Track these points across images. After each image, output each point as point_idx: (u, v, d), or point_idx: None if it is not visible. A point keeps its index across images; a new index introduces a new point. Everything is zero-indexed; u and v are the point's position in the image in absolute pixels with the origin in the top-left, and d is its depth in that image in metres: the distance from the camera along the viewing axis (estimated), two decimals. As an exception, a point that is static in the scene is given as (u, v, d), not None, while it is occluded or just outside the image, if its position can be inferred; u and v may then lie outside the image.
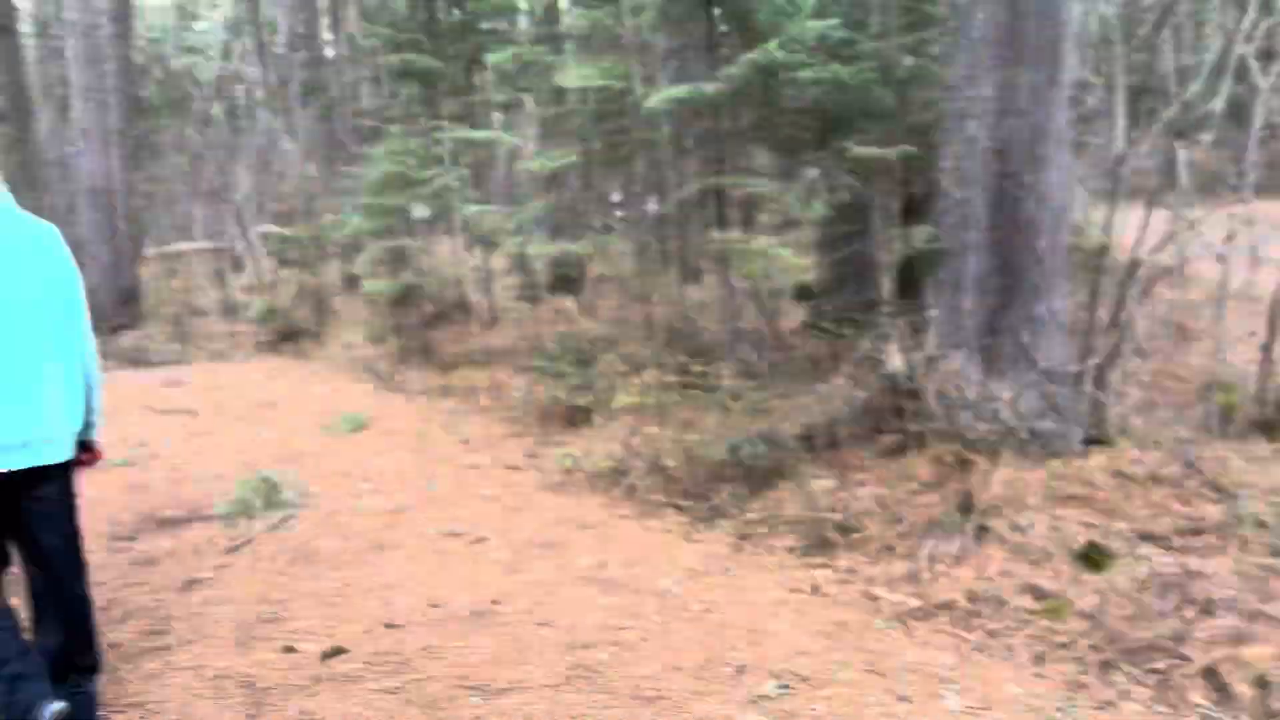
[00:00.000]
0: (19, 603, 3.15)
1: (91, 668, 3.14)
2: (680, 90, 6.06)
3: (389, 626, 3.83)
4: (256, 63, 25.03)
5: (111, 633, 3.85)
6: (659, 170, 7.98)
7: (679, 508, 5.43)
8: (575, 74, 6.73)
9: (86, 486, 5.78)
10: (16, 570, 3.14)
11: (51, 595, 3.07)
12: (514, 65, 8.28)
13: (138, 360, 11.50)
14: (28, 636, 3.04)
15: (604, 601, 4.07)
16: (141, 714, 3.22)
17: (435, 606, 4.02)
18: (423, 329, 10.64)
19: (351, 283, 16.43)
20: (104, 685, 3.36)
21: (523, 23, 13.64)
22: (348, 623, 3.87)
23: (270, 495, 5.31)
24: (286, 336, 12.21)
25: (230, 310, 15.20)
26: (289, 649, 3.64)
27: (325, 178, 15.95)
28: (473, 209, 8.85)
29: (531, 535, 4.92)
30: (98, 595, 4.01)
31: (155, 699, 3.31)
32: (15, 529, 2.99)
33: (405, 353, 10.19)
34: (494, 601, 4.04)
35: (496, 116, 13.22)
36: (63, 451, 3.02)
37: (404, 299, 10.43)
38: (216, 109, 21.55)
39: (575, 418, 6.89)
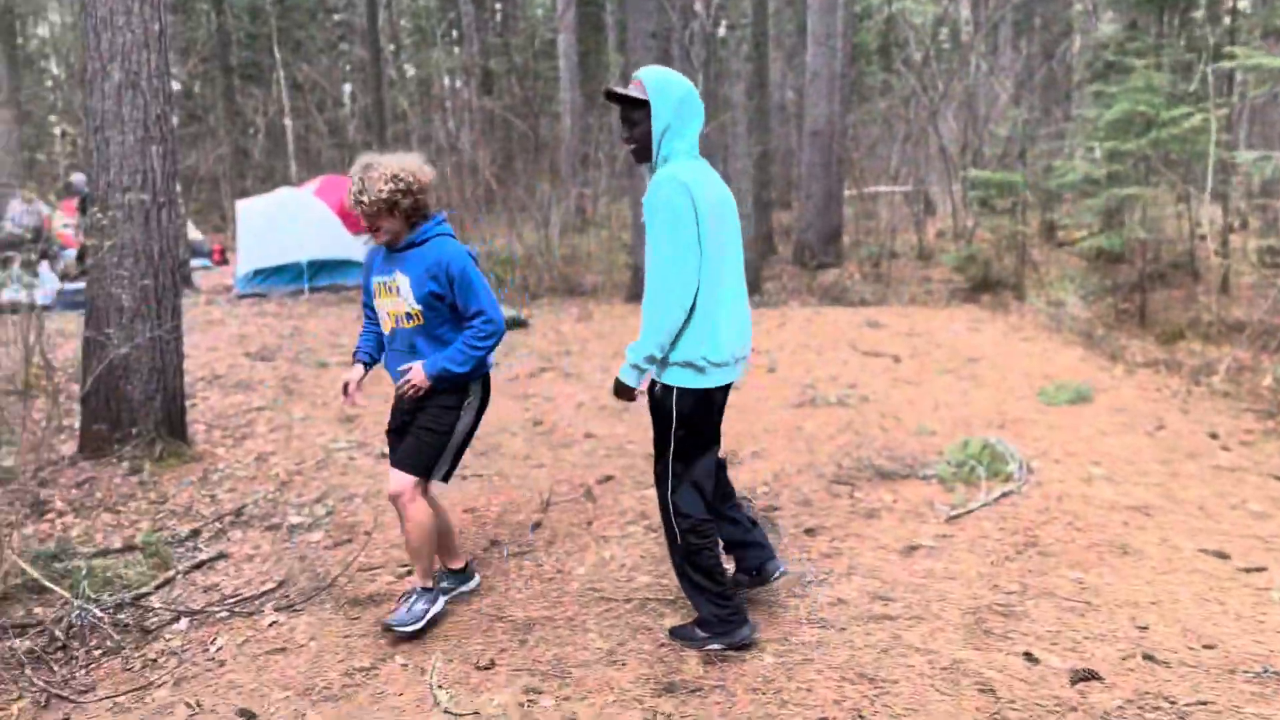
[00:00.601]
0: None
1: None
2: None
3: (1148, 659, 3.17)
4: (967, 3, 24.51)
5: (838, 586, 3.74)
6: None
7: None
8: None
9: (806, 422, 5.90)
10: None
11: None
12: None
13: (839, 298, 11.95)
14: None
15: None
16: (874, 689, 3.02)
17: (1208, 649, 3.24)
18: (1139, 290, 9.39)
19: (1050, 232, 15.40)
20: (831, 645, 3.23)
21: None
22: (1095, 640, 3.29)
23: (992, 465, 4.89)
24: (983, 287, 11.74)
25: (925, 256, 15.19)
26: (1029, 656, 3.18)
27: (1038, 120, 14.99)
28: (1247, 155, 7.38)
29: (1327, 577, 3.83)
30: (824, 536, 3.99)
31: (886, 675, 3.08)
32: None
33: (1119, 315, 9.09)
34: (1292, 662, 3.15)
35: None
36: None
37: (1119, 256, 9.28)
38: (925, 51, 21.57)
39: None
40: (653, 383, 3.23)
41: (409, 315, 3.44)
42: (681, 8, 17.58)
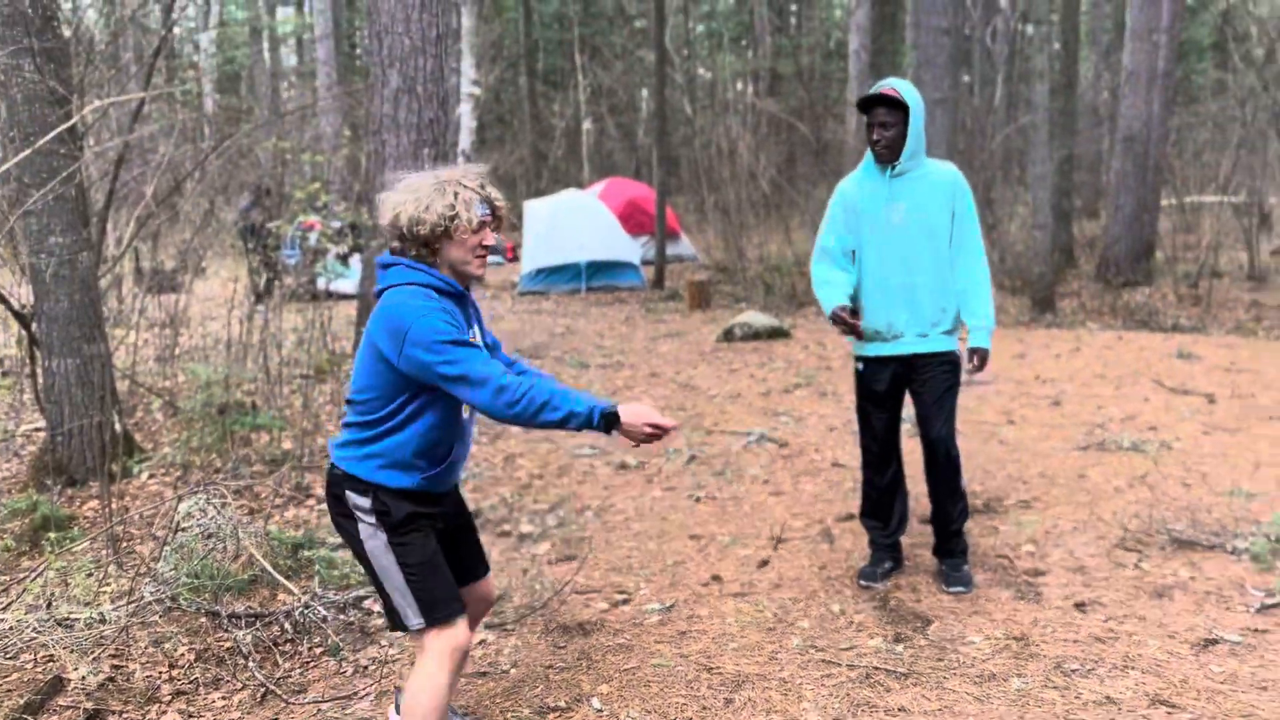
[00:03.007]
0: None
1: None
2: None
3: None
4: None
5: (1109, 680, 3.13)
6: None
7: None
8: None
9: (1091, 470, 5.16)
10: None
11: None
12: None
13: (1146, 322, 10.66)
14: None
15: None
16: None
17: None
18: None
19: None
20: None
21: None
22: None
23: (1325, 545, 4.01)
24: (1329, 317, 10.05)
25: (1257, 277, 13.32)
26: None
27: None
28: None
29: None
30: (1098, 614, 3.34)
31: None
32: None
33: None
34: None
35: None
36: None
37: None
38: (1271, 45, 18.97)
39: None
40: (944, 356, 3.80)
41: None
42: (984, 2, 16.49)
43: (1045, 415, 6.60)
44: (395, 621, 2.56)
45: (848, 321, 3.73)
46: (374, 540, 2.51)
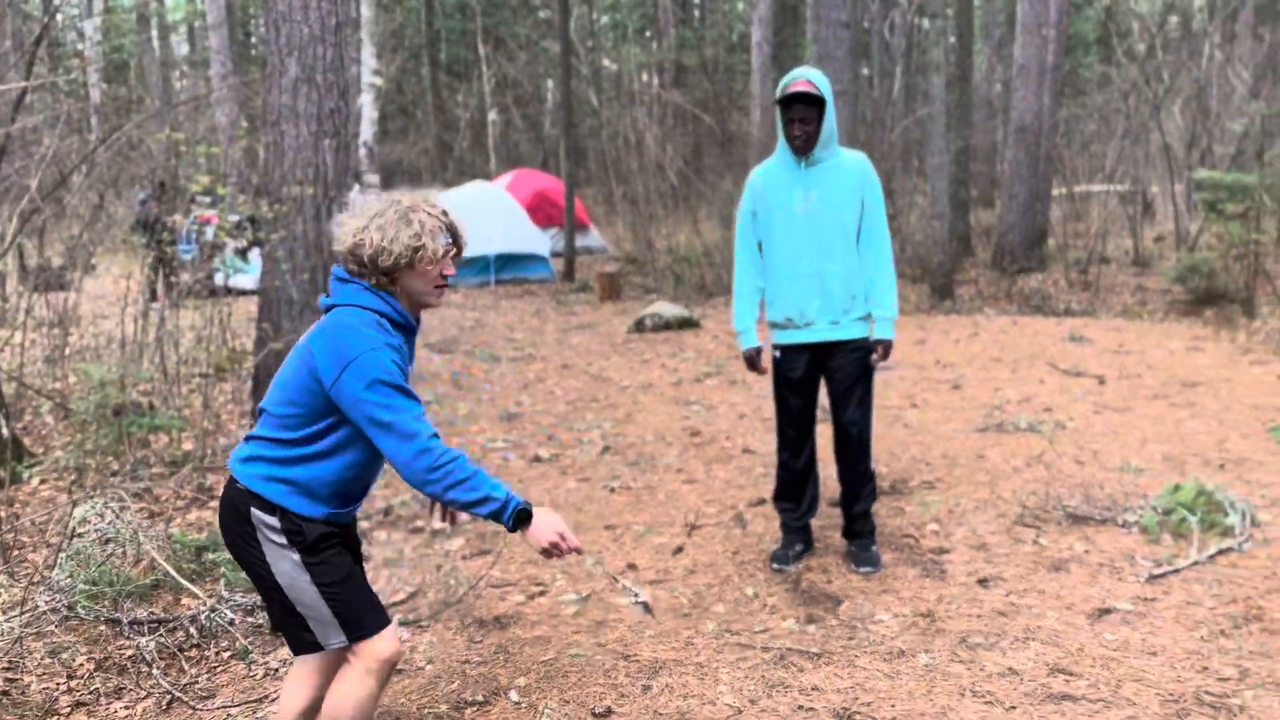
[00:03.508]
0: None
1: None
2: None
3: (1406, 787, 2.55)
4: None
5: (1011, 653, 3.25)
6: None
7: None
8: None
9: (990, 450, 5.35)
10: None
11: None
12: None
13: (1040, 307, 11.06)
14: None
15: None
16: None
17: None
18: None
19: (1290, 241, 13.77)
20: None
21: None
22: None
23: (1208, 514, 4.22)
24: (1207, 300, 10.57)
25: (1141, 262, 13.92)
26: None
27: (1280, 115, 13.43)
28: None
29: None
30: (999, 589, 3.47)
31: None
32: None
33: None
34: None
35: None
36: None
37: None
38: (1151, 41, 19.84)
39: None
40: (856, 343, 3.89)
41: None
42: (881, -3, 16.86)
43: (946, 398, 6.80)
44: (307, 644, 2.42)
45: (757, 367, 4.01)
46: (284, 561, 2.34)
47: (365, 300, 2.34)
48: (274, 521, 2.33)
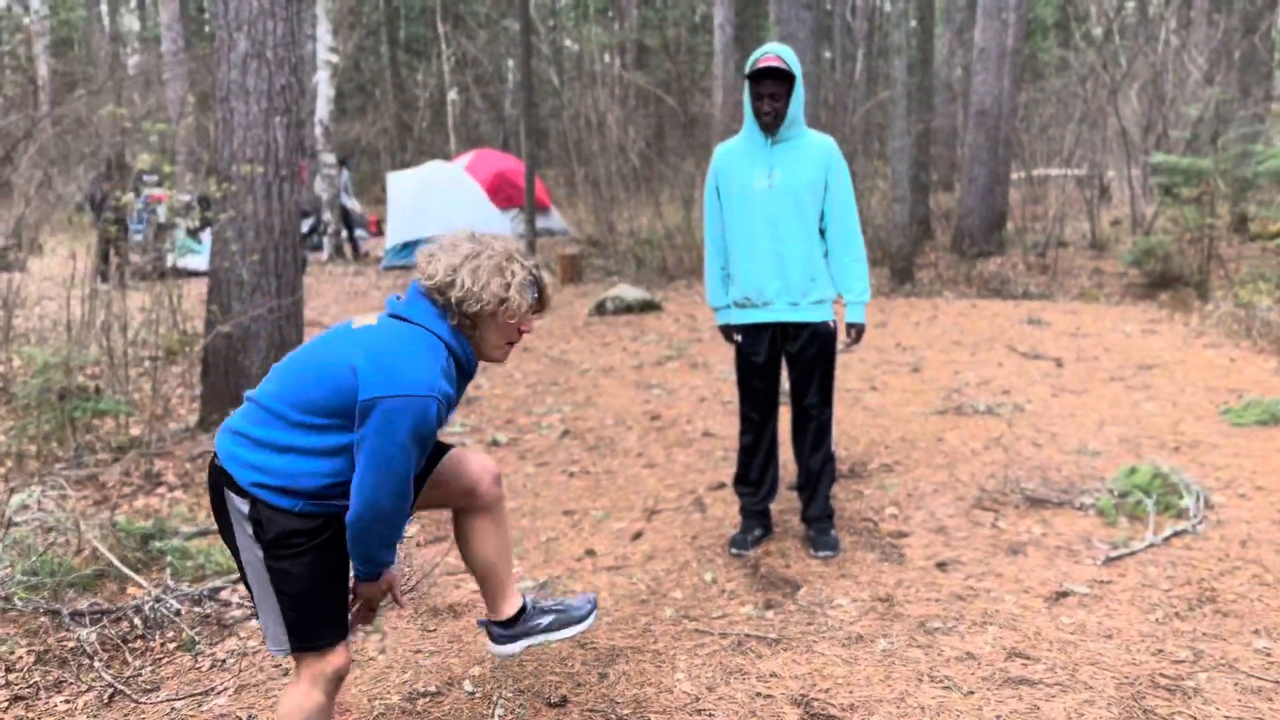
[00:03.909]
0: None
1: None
2: None
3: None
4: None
5: (969, 637, 3.24)
6: None
7: None
8: None
9: (949, 434, 5.34)
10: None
11: None
12: None
13: (999, 290, 11.12)
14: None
15: None
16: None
17: None
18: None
19: (1242, 226, 13.97)
20: (953, 712, 2.75)
21: None
22: (1286, 736, 2.70)
23: (1164, 497, 4.25)
24: (1162, 283, 10.68)
25: (1098, 246, 14.05)
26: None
27: (1234, 100, 13.60)
28: None
29: None
30: (958, 573, 3.49)
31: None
32: None
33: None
34: None
35: None
36: None
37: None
38: (1108, 25, 20.00)
39: None
40: (815, 327, 3.84)
41: None
42: (843, -22, 16.81)
43: (906, 381, 6.80)
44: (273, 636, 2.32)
45: (734, 340, 3.99)
46: (249, 553, 2.24)
47: (442, 331, 2.25)
48: (244, 508, 2.20)
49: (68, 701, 3.08)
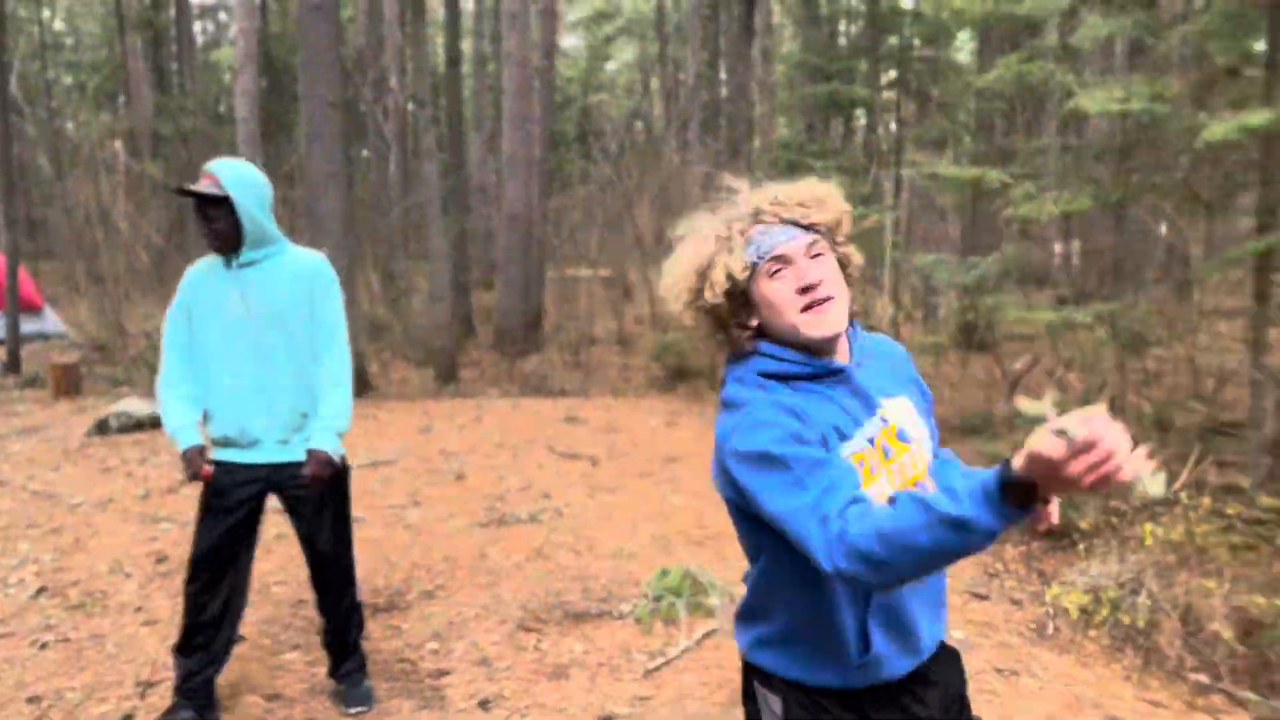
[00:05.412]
0: None
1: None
2: (1261, 116, 4.45)
3: None
4: (661, 100, 25.45)
5: (515, 787, 3.00)
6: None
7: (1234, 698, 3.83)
8: (1100, 97, 5.26)
9: (492, 548, 5.15)
10: None
11: None
12: (1014, 83, 6.90)
13: (539, 387, 11.42)
14: None
15: None
16: None
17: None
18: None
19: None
20: None
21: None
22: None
23: (694, 596, 4.38)
24: (679, 376, 11.63)
25: (624, 342, 15.07)
26: None
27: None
28: (927, 258, 7.59)
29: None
30: (501, 709, 3.27)
31: None
32: None
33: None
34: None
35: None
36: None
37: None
38: (621, 143, 22.05)
39: (1070, 538, 5.36)
40: (320, 460, 3.30)
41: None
42: (373, 81, 16.78)
43: (450, 491, 6.58)
44: None
45: (197, 464, 3.29)
46: None
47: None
48: (777, 707, 1.75)
49: None
